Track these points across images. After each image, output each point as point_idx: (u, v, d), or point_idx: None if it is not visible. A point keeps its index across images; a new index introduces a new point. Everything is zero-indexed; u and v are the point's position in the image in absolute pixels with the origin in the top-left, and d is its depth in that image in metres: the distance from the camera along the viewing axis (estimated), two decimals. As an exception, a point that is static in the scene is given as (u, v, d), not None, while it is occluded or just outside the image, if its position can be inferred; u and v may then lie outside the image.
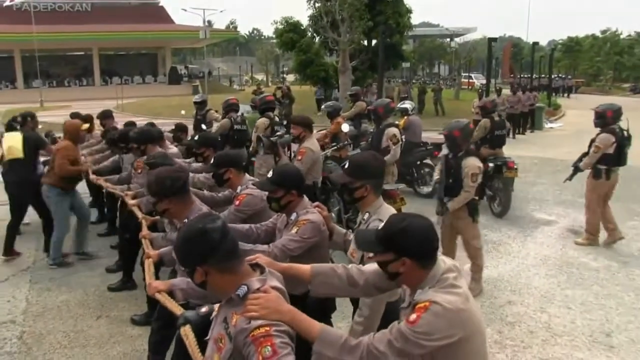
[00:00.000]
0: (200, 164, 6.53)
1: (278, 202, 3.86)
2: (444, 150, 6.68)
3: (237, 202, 4.62)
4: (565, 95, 50.48)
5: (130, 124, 8.89)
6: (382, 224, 2.56)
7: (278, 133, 8.05)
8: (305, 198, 3.96)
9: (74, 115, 11.40)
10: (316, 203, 3.98)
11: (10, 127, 8.74)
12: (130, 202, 5.69)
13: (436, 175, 6.71)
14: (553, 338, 5.50)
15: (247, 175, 5.00)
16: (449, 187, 6.39)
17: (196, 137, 6.76)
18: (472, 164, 6.24)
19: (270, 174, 3.89)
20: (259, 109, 9.69)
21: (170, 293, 3.21)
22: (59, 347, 5.39)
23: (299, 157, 6.98)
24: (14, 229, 8.02)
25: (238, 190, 4.76)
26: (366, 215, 3.60)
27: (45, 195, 7.55)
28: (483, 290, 6.63)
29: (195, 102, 12.42)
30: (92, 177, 7.48)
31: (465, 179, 6.21)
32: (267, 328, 2.12)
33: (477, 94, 22.50)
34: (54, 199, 7.51)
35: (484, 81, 27.05)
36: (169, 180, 3.92)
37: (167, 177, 3.94)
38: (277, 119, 9.49)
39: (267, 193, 3.94)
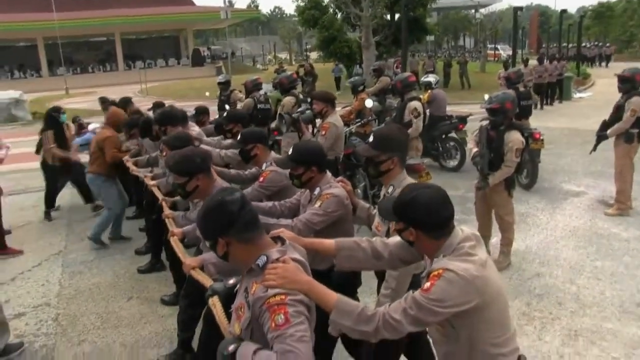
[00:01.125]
0: (229, 141, 6.61)
1: (299, 178, 3.91)
2: (483, 123, 6.58)
3: (261, 179, 4.69)
4: (603, 64, 48.29)
5: (158, 105, 9.00)
6: None
7: (299, 109, 8.06)
8: (328, 173, 3.99)
9: (103, 100, 11.61)
10: (340, 178, 4.02)
11: (51, 119, 8.87)
12: (150, 183, 5.79)
13: (474, 148, 6.59)
14: (582, 309, 5.49)
15: (272, 152, 5.10)
16: (490, 161, 6.34)
17: (224, 114, 6.86)
18: (516, 138, 6.14)
19: (290, 152, 3.93)
20: (284, 88, 9.70)
21: (201, 269, 3.30)
22: (93, 328, 5.56)
23: (323, 133, 7.01)
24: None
25: (263, 167, 4.85)
26: (390, 189, 3.65)
27: (91, 184, 7.92)
28: (511, 263, 6.63)
29: (219, 83, 12.52)
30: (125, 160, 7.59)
31: (509, 154, 6.14)
32: (283, 296, 2.18)
33: (503, 65, 22.18)
34: (102, 185, 7.78)
35: (511, 52, 26.65)
36: (199, 158, 4.01)
37: (196, 155, 4.04)
38: (301, 96, 9.49)
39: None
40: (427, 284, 2.38)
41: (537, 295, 5.85)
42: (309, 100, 10.20)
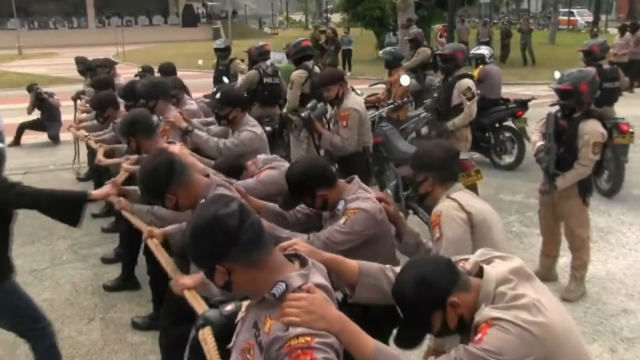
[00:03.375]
0: (222, 128, 6.54)
1: (313, 205, 4.04)
2: (553, 109, 6.45)
3: (258, 174, 4.84)
4: None
5: (147, 70, 8.97)
6: (454, 203, 2.58)
7: (309, 105, 7.96)
8: (355, 181, 4.03)
9: (80, 61, 11.60)
10: (380, 195, 4.07)
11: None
12: (125, 166, 5.72)
13: (539, 142, 6.45)
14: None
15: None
16: (559, 158, 6.20)
17: (217, 94, 6.80)
18: (594, 129, 6.01)
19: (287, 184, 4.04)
20: (294, 58, 9.61)
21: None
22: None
23: (344, 123, 6.94)
24: None
25: (258, 163, 5.07)
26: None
27: None
28: (587, 292, 6.51)
29: (216, 49, 12.49)
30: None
31: (584, 149, 6.01)
32: (309, 338, 2.12)
33: (590, 35, 21.87)
34: None
35: (590, 18, 26.40)
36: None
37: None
38: (316, 69, 9.37)
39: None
40: (477, 336, 2.40)
41: (625, 339, 5.70)
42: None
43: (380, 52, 11.52)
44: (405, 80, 10.23)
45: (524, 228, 8.06)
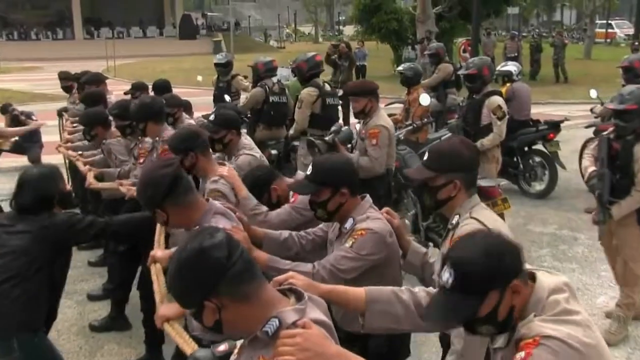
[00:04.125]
0: (217, 154, 6.55)
1: (324, 207, 3.89)
2: (589, 130, 6.39)
3: (292, 199, 4.73)
4: None
5: (138, 87, 9.02)
6: (479, 224, 2.54)
7: (333, 128, 7.97)
8: (367, 199, 3.98)
9: (64, 76, 11.60)
10: (385, 209, 4.01)
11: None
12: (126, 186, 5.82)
13: (590, 167, 6.33)
14: None
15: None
16: (614, 184, 6.08)
17: (212, 116, 6.79)
18: None
19: (309, 169, 3.94)
20: (303, 75, 9.56)
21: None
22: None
23: (373, 141, 7.01)
24: None
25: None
26: (455, 219, 3.63)
27: None
28: (629, 336, 6.45)
29: (216, 64, 12.49)
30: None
31: None
32: None
33: (631, 49, 21.87)
34: None
35: (631, 31, 26.42)
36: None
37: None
38: (327, 87, 9.37)
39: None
40: (520, 355, 2.34)
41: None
42: (339, 92, 10.14)
43: (400, 67, 11.43)
44: (425, 99, 10.21)
45: (557, 263, 8.03)
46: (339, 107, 9.98)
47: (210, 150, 5.43)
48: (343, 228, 3.90)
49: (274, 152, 9.49)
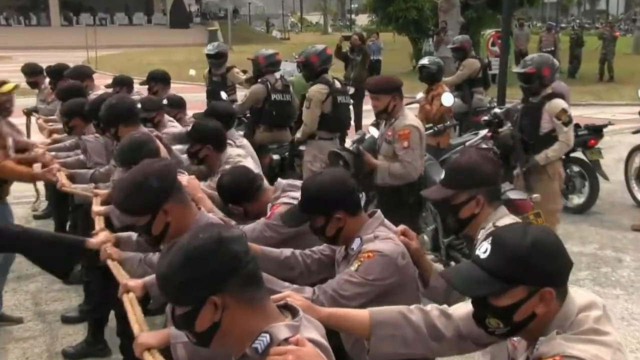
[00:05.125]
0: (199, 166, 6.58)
1: (323, 233, 3.93)
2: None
3: (269, 214, 4.74)
4: None
5: (120, 82, 9.07)
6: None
7: (356, 137, 7.96)
8: (376, 216, 4.01)
9: (28, 70, 11.59)
10: (401, 227, 3.99)
11: None
12: (96, 209, 5.70)
13: None
14: None
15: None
16: None
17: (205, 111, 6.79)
18: None
19: (300, 195, 4.00)
20: (312, 71, 9.55)
21: (167, 350, 3.26)
22: None
23: (404, 144, 7.01)
24: None
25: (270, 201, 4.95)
26: (480, 234, 3.67)
27: None
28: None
29: (208, 55, 12.49)
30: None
31: None
32: None
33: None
34: None
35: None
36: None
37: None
38: (338, 83, 9.35)
39: None
40: None
41: None
42: (350, 89, 10.13)
43: (424, 61, 11.35)
44: (447, 99, 10.20)
45: (598, 288, 7.99)
46: (350, 107, 9.99)
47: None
48: (350, 249, 3.91)
49: (275, 157, 9.48)
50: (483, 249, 2.53)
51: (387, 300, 3.65)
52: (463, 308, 2.89)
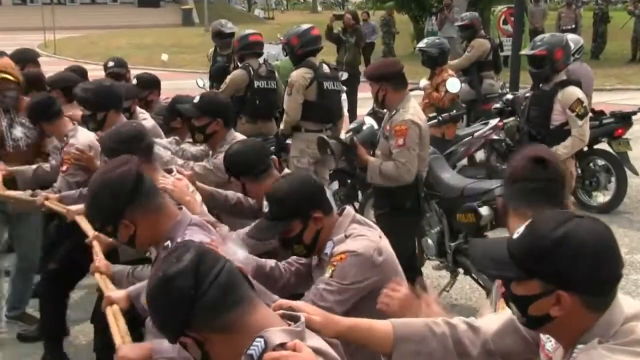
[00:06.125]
0: (200, 147, 6.60)
1: (300, 242, 4.02)
2: None
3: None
4: None
5: (77, 70, 9.03)
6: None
7: (352, 126, 7.95)
8: (345, 213, 4.10)
9: None
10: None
11: None
12: (73, 209, 5.77)
13: None
14: None
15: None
16: None
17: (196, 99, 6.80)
18: None
19: (265, 207, 4.07)
20: (295, 54, 9.57)
21: None
22: None
23: (399, 142, 6.91)
24: None
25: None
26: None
27: None
28: None
29: (216, 36, 12.58)
30: None
31: None
32: None
33: None
34: None
35: None
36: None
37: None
38: (326, 68, 9.32)
39: None
40: None
41: None
42: (341, 74, 10.14)
43: (421, 44, 11.40)
44: (453, 84, 10.21)
45: (626, 296, 7.95)
46: (344, 95, 9.98)
47: (154, 156, 5.42)
48: (323, 255, 3.98)
49: (260, 150, 9.51)
50: (520, 229, 2.54)
51: (372, 302, 3.66)
52: (494, 322, 2.92)
